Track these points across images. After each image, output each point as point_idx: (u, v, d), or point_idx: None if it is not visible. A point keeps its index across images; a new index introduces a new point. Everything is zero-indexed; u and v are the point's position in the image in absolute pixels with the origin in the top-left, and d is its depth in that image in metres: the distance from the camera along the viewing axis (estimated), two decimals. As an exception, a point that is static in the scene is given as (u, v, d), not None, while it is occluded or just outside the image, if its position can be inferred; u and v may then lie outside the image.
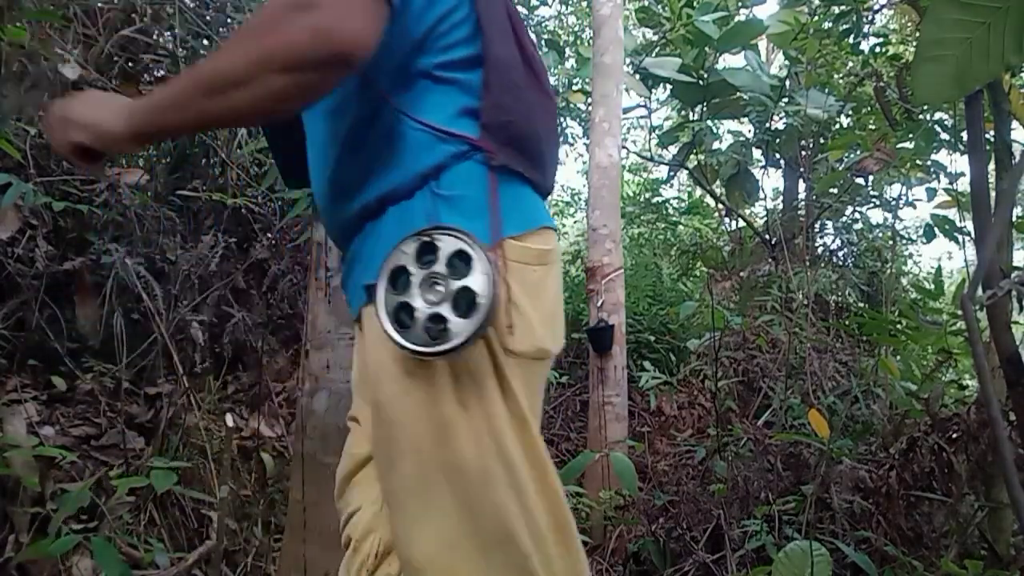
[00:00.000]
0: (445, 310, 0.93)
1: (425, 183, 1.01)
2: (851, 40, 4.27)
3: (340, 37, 0.85)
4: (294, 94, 0.89)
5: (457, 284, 0.93)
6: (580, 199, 8.43)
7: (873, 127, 4.98)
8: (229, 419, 1.96)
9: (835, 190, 5.30)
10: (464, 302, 0.93)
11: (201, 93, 0.90)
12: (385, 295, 0.95)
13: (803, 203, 5.76)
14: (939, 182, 4.33)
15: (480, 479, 0.98)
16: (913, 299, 5.17)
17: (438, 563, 0.98)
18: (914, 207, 5.40)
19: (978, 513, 2.51)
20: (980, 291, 1.34)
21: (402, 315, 0.94)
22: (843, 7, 4.06)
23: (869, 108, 5.09)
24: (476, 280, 0.93)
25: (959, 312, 2.24)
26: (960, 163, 4.24)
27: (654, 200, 7.30)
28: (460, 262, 0.94)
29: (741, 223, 6.01)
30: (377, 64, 0.95)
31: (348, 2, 0.86)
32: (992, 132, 1.88)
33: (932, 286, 3.92)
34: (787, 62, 5.10)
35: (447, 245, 0.94)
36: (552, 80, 5.90)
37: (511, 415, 1.00)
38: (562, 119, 6.69)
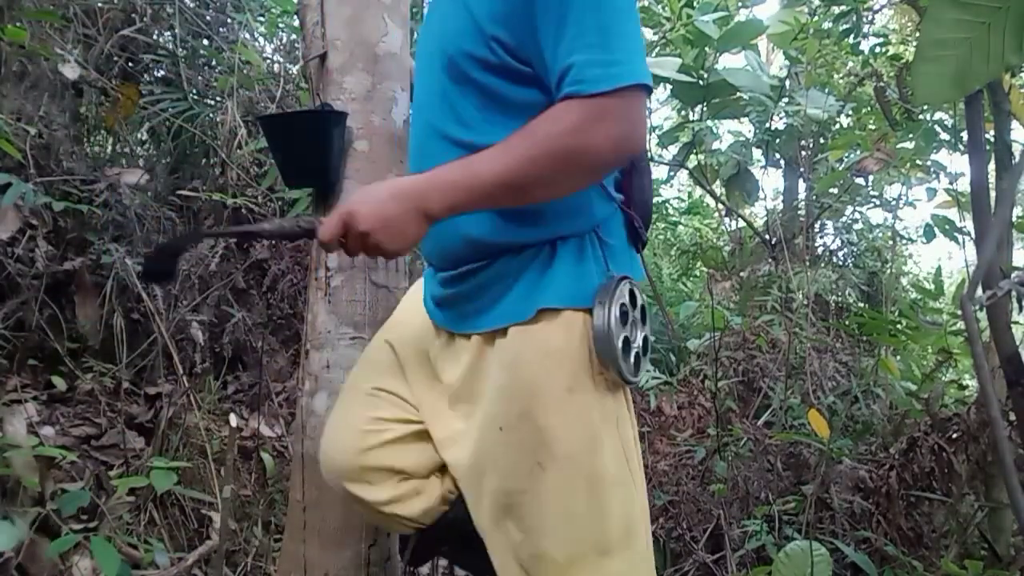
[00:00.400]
0: (640, 350, 1.17)
1: (594, 229, 1.17)
2: (851, 40, 4.26)
3: (633, 144, 1.02)
4: (582, 186, 1.07)
5: (645, 331, 1.19)
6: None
7: (873, 127, 4.97)
8: (233, 419, 1.95)
9: (835, 190, 5.28)
10: (646, 346, 1.19)
11: (503, 193, 1.02)
12: (616, 327, 1.09)
13: (803, 203, 5.75)
14: (939, 182, 4.32)
15: (614, 485, 1.13)
16: (913, 299, 5.17)
17: (573, 557, 1.11)
18: (914, 207, 5.39)
19: (978, 513, 2.51)
20: (980, 291, 1.34)
21: (622, 347, 1.11)
22: (843, 7, 4.05)
23: (869, 108, 5.09)
24: (649, 330, 1.21)
25: (959, 312, 2.24)
26: (960, 163, 4.24)
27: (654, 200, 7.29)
28: (641, 312, 1.18)
29: (741, 223, 6.00)
30: None
31: (636, 110, 1.01)
32: (992, 132, 1.88)
33: (932, 286, 3.92)
34: (787, 62, 5.09)
35: (639, 297, 1.17)
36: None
37: (634, 436, 1.20)
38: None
